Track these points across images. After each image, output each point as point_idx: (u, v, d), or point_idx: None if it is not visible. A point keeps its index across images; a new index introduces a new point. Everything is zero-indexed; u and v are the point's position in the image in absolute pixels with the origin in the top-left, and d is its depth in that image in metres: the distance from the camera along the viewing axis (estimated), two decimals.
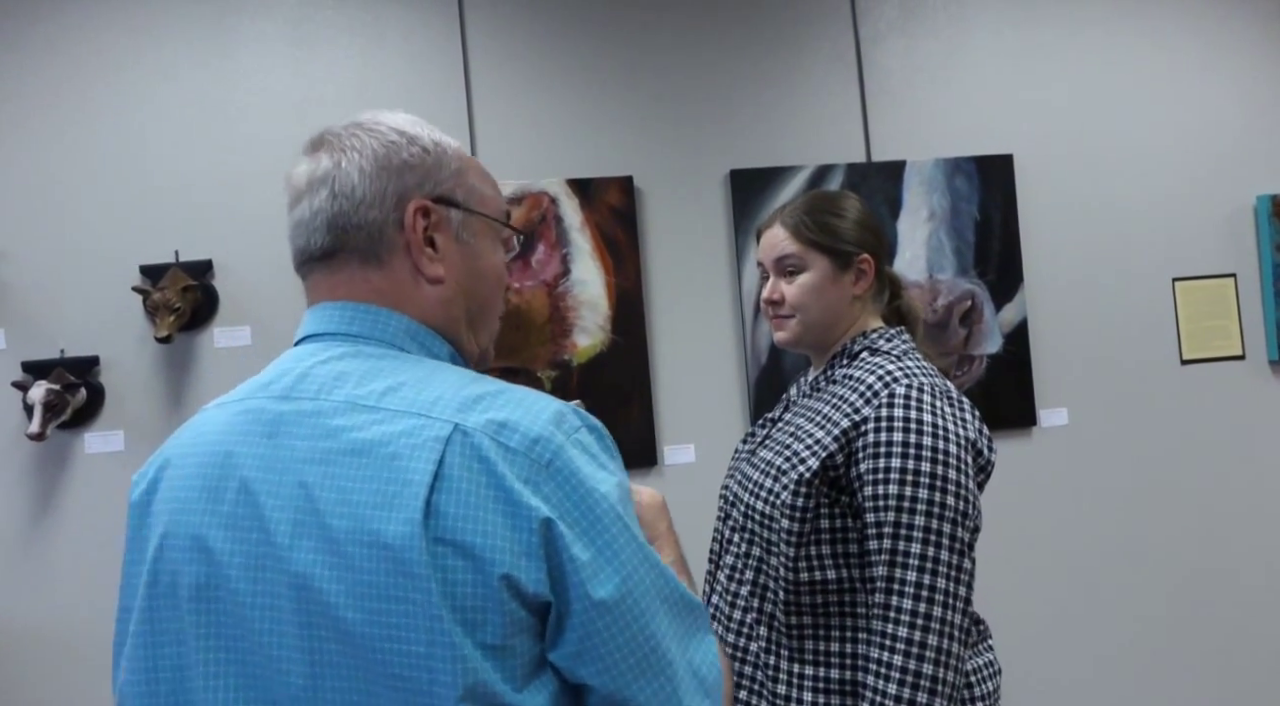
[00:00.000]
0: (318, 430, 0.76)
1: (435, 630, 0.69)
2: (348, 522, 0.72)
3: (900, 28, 2.78)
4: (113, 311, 2.39)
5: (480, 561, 0.70)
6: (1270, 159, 2.93)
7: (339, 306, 0.85)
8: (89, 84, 2.42)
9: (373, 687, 0.71)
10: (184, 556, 0.78)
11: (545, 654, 0.74)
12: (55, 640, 2.33)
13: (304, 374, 0.81)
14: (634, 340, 2.57)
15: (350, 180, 0.84)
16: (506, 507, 0.72)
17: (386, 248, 0.84)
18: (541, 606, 0.72)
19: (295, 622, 0.73)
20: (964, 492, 1.25)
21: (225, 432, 0.81)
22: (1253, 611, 2.85)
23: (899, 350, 1.40)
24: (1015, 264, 2.75)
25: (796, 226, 1.43)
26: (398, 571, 0.70)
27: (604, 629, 0.73)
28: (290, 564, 0.73)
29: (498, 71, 2.60)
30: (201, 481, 0.79)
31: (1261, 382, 2.89)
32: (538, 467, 0.74)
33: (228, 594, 0.75)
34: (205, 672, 0.76)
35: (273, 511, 0.75)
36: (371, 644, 0.70)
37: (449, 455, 0.73)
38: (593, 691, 0.74)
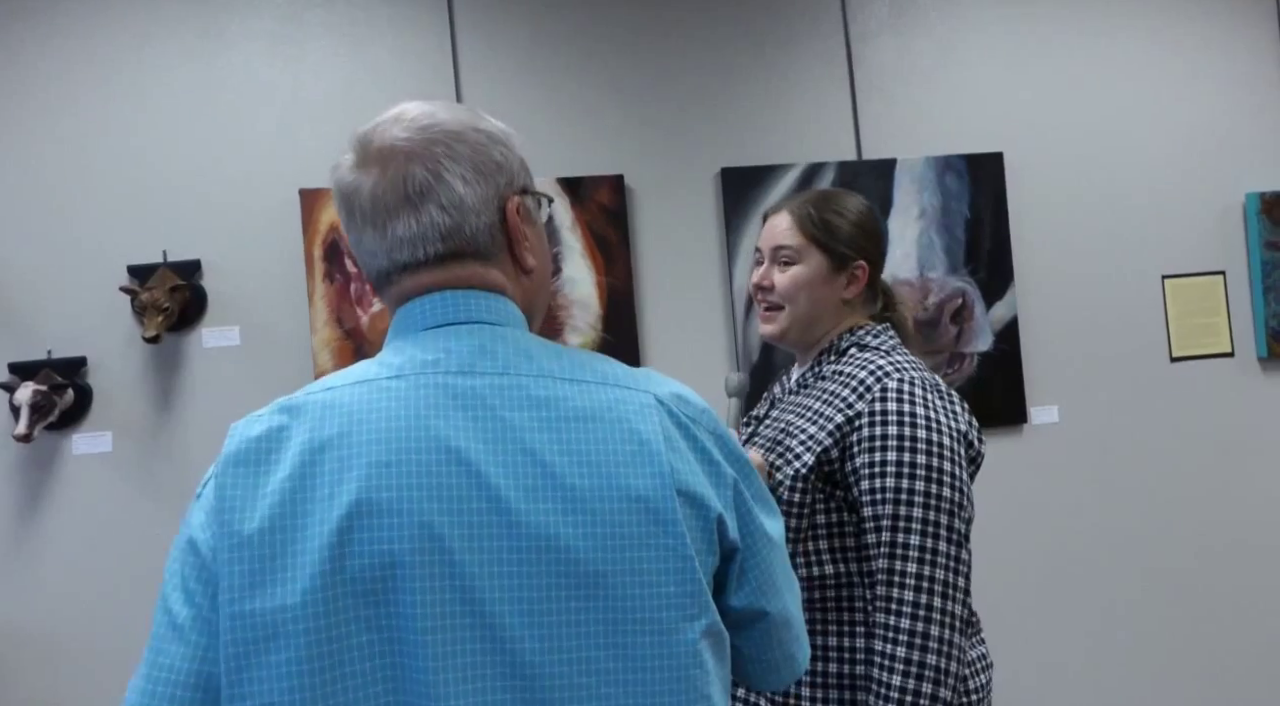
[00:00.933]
0: (524, 401, 0.80)
1: (686, 570, 0.78)
2: (592, 480, 0.78)
3: (891, 26, 2.78)
4: (100, 312, 2.38)
5: (704, 508, 0.81)
6: (1259, 157, 2.94)
7: (474, 295, 0.86)
8: (76, 83, 2.40)
9: (618, 637, 0.76)
10: (398, 534, 0.74)
11: (726, 600, 0.86)
12: (43, 641, 2.31)
13: (479, 350, 0.83)
14: (625, 339, 2.57)
15: (455, 191, 0.85)
16: (709, 467, 0.83)
17: (497, 246, 0.88)
18: (730, 551, 0.84)
19: (535, 585, 0.75)
20: (958, 484, 1.27)
21: (409, 406, 0.79)
22: (1243, 607, 2.86)
23: (887, 346, 1.42)
24: (1006, 262, 2.75)
25: (801, 218, 1.44)
26: (651, 520, 0.78)
27: (775, 560, 0.88)
28: (528, 526, 0.76)
29: (488, 70, 2.59)
30: (399, 456, 0.76)
31: (1250, 380, 2.90)
32: (710, 434, 0.86)
33: (450, 566, 0.74)
34: (436, 652, 0.73)
35: (499, 479, 0.77)
36: (625, 591, 0.77)
37: (662, 421, 0.82)
38: (767, 615, 0.88)
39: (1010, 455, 2.76)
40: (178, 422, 2.40)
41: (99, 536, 2.34)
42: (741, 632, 0.89)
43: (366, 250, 0.87)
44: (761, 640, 0.90)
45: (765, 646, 0.90)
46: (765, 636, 0.89)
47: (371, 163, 0.86)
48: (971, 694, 1.34)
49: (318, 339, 2.42)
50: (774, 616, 0.89)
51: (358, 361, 1.00)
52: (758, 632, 0.89)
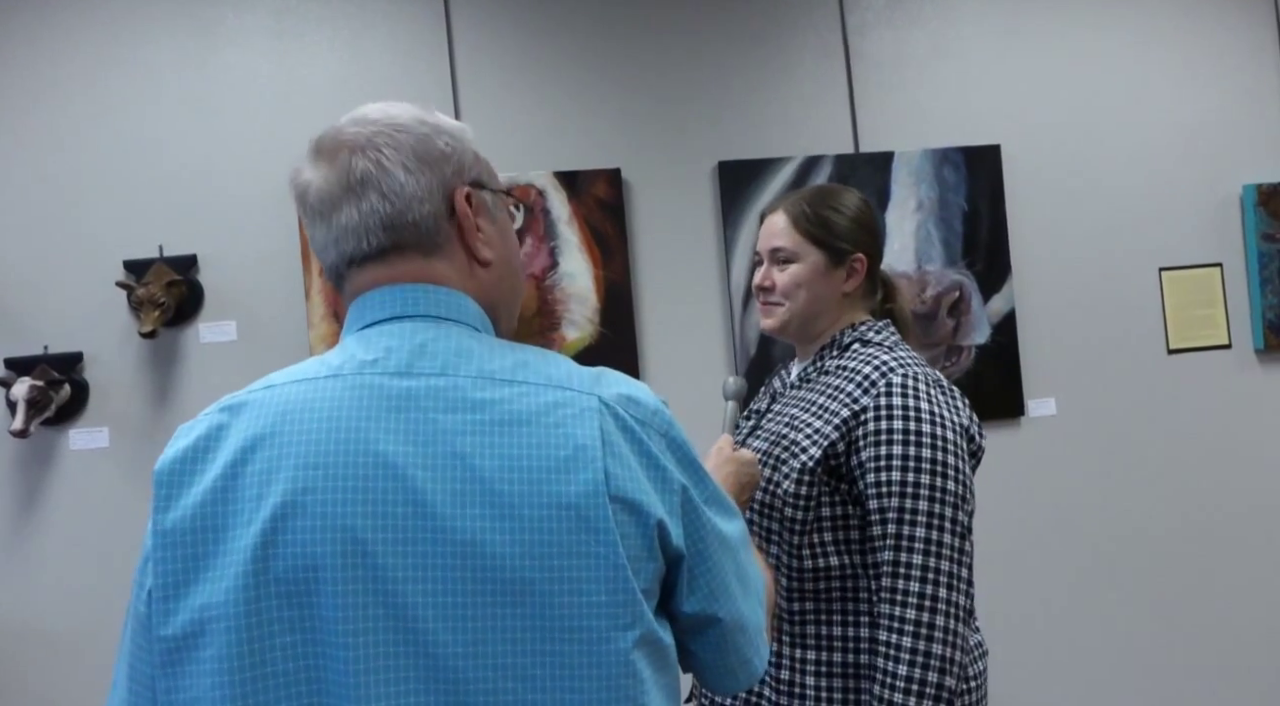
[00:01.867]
0: (460, 403, 0.79)
1: (617, 578, 0.76)
2: (521, 486, 0.76)
3: (888, 18, 2.78)
4: (97, 307, 2.37)
5: (642, 514, 0.79)
6: (1256, 149, 2.94)
7: (419, 289, 0.85)
8: (72, 78, 2.39)
9: (546, 645, 0.75)
10: (320, 536, 0.75)
11: (676, 606, 0.84)
12: (40, 636, 2.31)
13: (417, 351, 0.81)
14: (623, 333, 2.57)
15: (397, 179, 0.84)
16: (654, 472, 0.81)
17: (443, 238, 0.87)
18: (676, 558, 0.82)
19: (456, 591, 0.75)
20: (962, 478, 1.30)
21: (341, 407, 0.79)
22: (1239, 599, 2.87)
23: (889, 342, 1.44)
24: (1003, 254, 2.75)
25: (796, 216, 1.46)
26: (581, 528, 0.76)
27: (726, 563, 0.86)
28: (455, 532, 0.75)
29: (484, 64, 2.58)
30: (326, 458, 0.77)
31: (1247, 371, 2.91)
32: (661, 436, 0.83)
33: (372, 571, 0.74)
34: (354, 654, 0.73)
35: (426, 483, 0.76)
36: (551, 598, 0.75)
37: (604, 424, 0.80)
38: (719, 622, 0.86)
39: (1008, 447, 2.77)
40: (175, 418, 2.39)
41: (96, 531, 2.34)
42: (695, 638, 0.87)
43: (318, 245, 0.87)
44: (716, 645, 0.88)
45: (720, 651, 0.88)
46: (719, 642, 0.87)
47: (320, 159, 0.86)
48: (969, 681, 1.36)
49: (314, 333, 2.42)
50: (726, 622, 0.87)
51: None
52: (711, 638, 0.87)
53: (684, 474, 0.84)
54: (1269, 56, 2.96)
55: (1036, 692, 2.75)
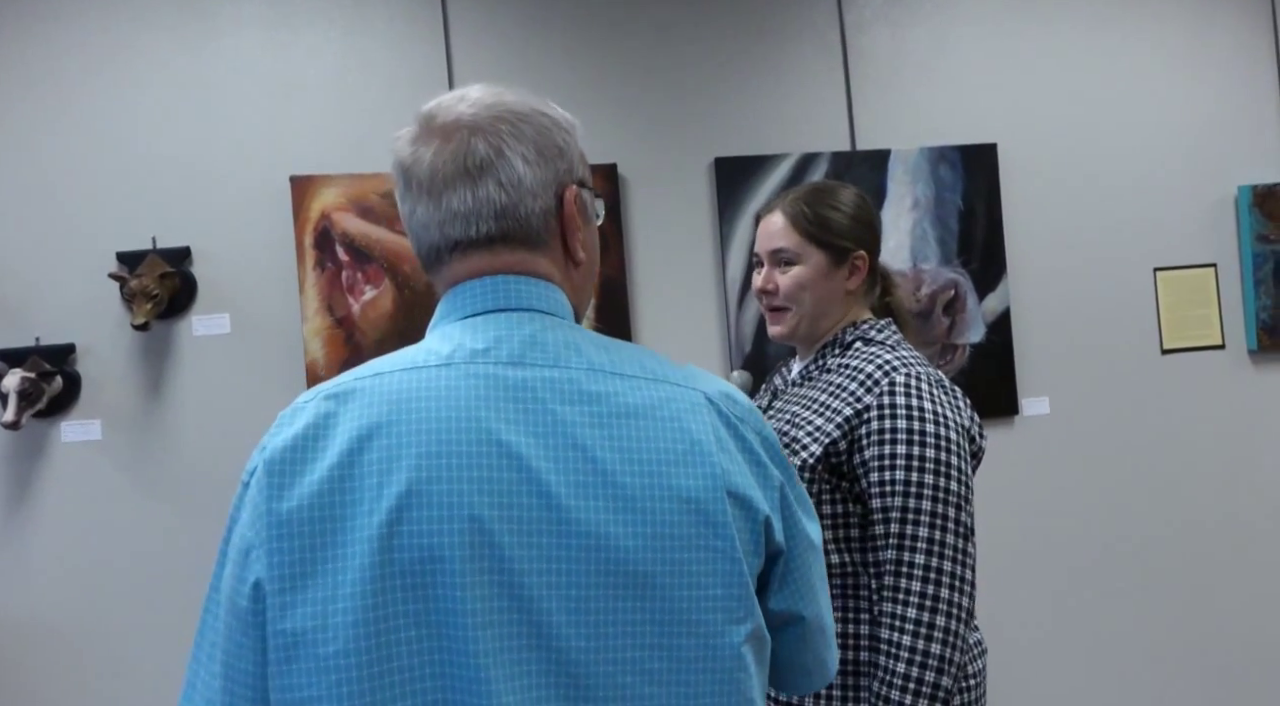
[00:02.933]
0: (576, 395, 0.79)
1: (734, 573, 0.77)
2: (641, 479, 0.76)
3: (885, 16, 2.77)
4: (89, 298, 2.36)
5: (752, 510, 0.80)
6: (1251, 150, 2.94)
7: (523, 281, 0.85)
8: (66, 68, 2.38)
9: (663, 638, 0.75)
10: (445, 526, 0.73)
11: (766, 603, 0.84)
12: (31, 630, 2.30)
13: (528, 341, 0.81)
14: (618, 329, 2.56)
15: (515, 170, 0.83)
16: (757, 469, 0.82)
17: (548, 233, 0.86)
18: (775, 554, 0.83)
19: (579, 583, 0.74)
20: (964, 478, 1.30)
21: (459, 395, 0.77)
22: (1233, 597, 2.88)
23: (891, 341, 1.44)
24: (998, 253, 2.75)
25: (796, 216, 1.45)
26: (700, 521, 0.77)
27: (814, 565, 0.87)
28: (578, 524, 0.74)
29: (480, 57, 2.58)
30: (447, 447, 0.75)
31: (1241, 372, 2.91)
32: (757, 435, 0.84)
33: (497, 561, 0.73)
34: (485, 647, 0.72)
35: (549, 474, 0.75)
36: (671, 592, 0.75)
37: (712, 420, 0.81)
38: (803, 620, 0.87)
39: (1002, 446, 2.77)
40: (167, 410, 2.38)
41: (88, 524, 2.33)
42: (777, 636, 0.88)
43: (419, 223, 0.85)
44: (796, 644, 0.88)
45: (799, 650, 0.89)
46: (800, 640, 0.88)
47: (434, 135, 0.84)
48: (968, 679, 1.37)
49: (308, 327, 2.41)
50: (810, 621, 0.87)
51: (349, 349, 0.99)
52: (793, 636, 0.88)
53: (781, 472, 0.84)
54: (1265, 58, 2.97)
55: (1032, 690, 2.75)
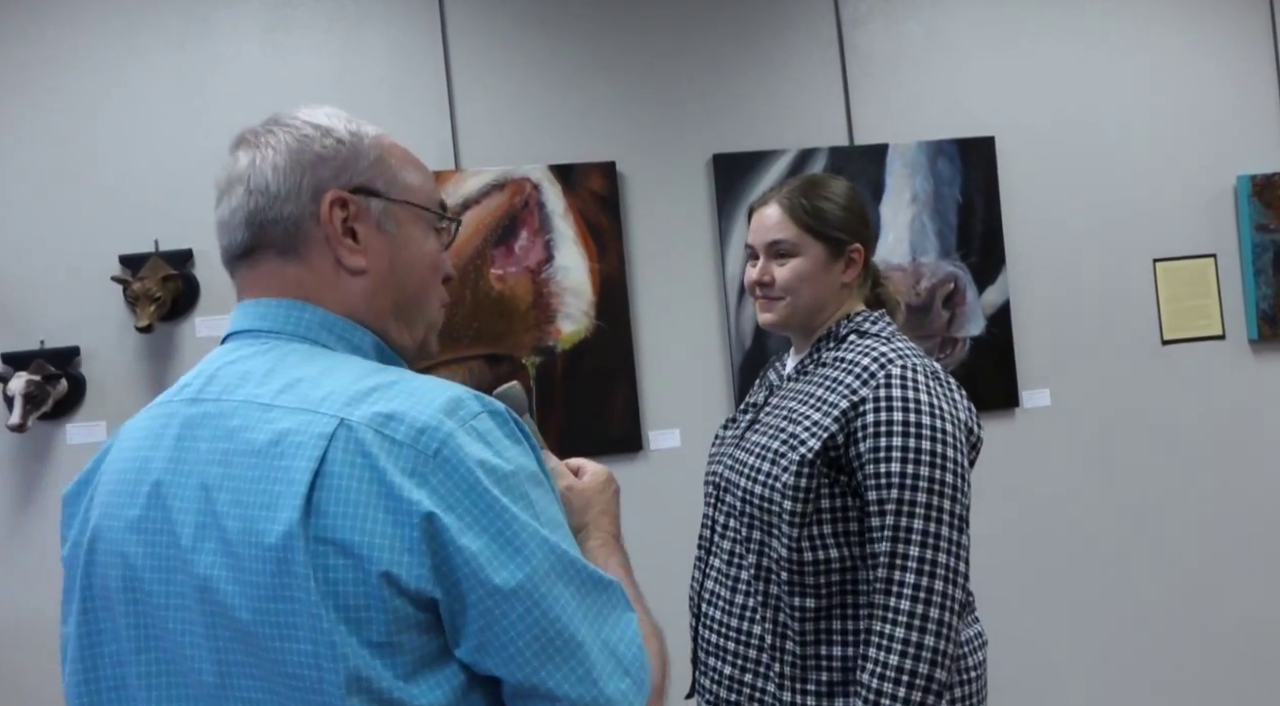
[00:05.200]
0: (219, 431, 0.77)
1: (318, 628, 0.70)
2: (240, 524, 0.73)
3: (882, 10, 2.77)
4: (93, 302, 2.38)
5: (360, 559, 0.70)
6: (1250, 140, 2.94)
7: (255, 303, 0.86)
8: (67, 72, 2.39)
9: (273, 685, 0.73)
10: (109, 559, 0.80)
11: (450, 650, 0.73)
12: (37, 632, 2.32)
13: (213, 375, 0.82)
14: (618, 326, 2.57)
15: (264, 176, 0.84)
16: (388, 503, 0.71)
17: (304, 241, 0.84)
18: (427, 602, 0.71)
19: (201, 623, 0.75)
20: (960, 470, 1.30)
21: (143, 437, 0.83)
22: (1234, 588, 2.88)
23: (886, 332, 1.43)
24: (997, 246, 2.75)
25: (793, 208, 1.44)
26: (281, 571, 0.71)
27: (504, 616, 0.71)
28: (194, 566, 0.75)
29: (479, 57, 2.58)
30: (120, 486, 0.82)
31: (1241, 362, 2.91)
32: (424, 458, 0.72)
33: (144, 596, 0.78)
34: (140, 672, 0.79)
35: (179, 514, 0.76)
36: (266, 643, 0.72)
37: (332, 451, 0.72)
38: (504, 683, 0.74)
39: (1002, 439, 2.77)
40: None
41: None
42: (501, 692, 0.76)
43: None
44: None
45: None
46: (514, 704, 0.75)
47: (230, 150, 0.90)
48: (968, 671, 1.36)
49: None
50: (519, 688, 0.73)
51: None
52: (508, 701, 0.75)
53: (445, 501, 0.71)
54: (1263, 47, 2.96)
55: (1033, 682, 2.76)
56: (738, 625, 1.41)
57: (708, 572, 1.49)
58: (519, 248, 2.54)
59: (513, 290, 2.53)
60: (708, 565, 1.50)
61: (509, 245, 2.53)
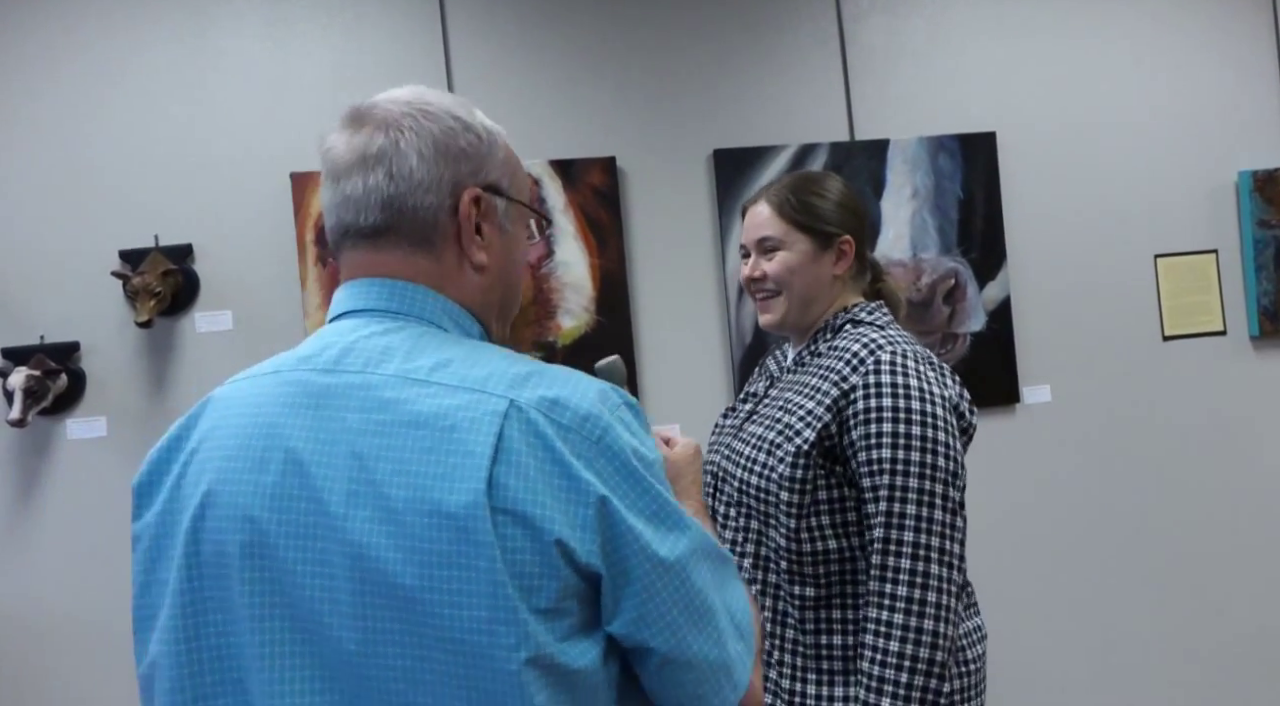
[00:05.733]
0: (369, 402, 0.78)
1: (498, 595, 0.73)
2: (407, 492, 0.75)
3: (883, 6, 2.77)
4: (93, 297, 2.38)
5: (538, 530, 0.74)
6: (1252, 135, 2.94)
7: (380, 283, 0.86)
8: (66, 67, 2.39)
9: (428, 653, 0.74)
10: (230, 525, 0.79)
11: (604, 626, 0.78)
12: (38, 627, 2.32)
13: (348, 348, 0.82)
14: (618, 321, 2.57)
15: (408, 163, 0.85)
16: (564, 482, 0.76)
17: (439, 233, 0.86)
18: (592, 576, 0.76)
19: (348, 589, 0.75)
20: (952, 454, 1.30)
21: (266, 404, 0.82)
22: (1235, 585, 2.88)
23: (881, 321, 1.44)
24: (998, 241, 2.75)
25: (780, 204, 1.46)
26: (460, 539, 0.73)
27: (663, 589, 0.78)
28: (345, 533, 0.75)
29: (478, 52, 2.58)
30: (243, 452, 0.80)
31: (1242, 358, 2.91)
32: (589, 444, 0.77)
33: (275, 562, 0.77)
34: (259, 640, 0.77)
35: (324, 481, 0.77)
36: (430, 609, 0.73)
37: (507, 430, 0.76)
38: (652, 652, 0.79)
39: (1003, 435, 2.77)
40: (172, 407, 2.40)
41: (94, 521, 2.35)
42: (637, 664, 0.81)
43: (324, 207, 0.89)
44: (658, 677, 0.80)
45: (663, 684, 0.81)
46: (659, 674, 0.80)
47: (347, 126, 0.89)
48: (968, 664, 1.37)
49: (310, 323, 2.42)
50: (664, 653, 0.79)
51: None
52: (651, 668, 0.80)
53: (610, 485, 0.77)
54: (1265, 42, 2.96)
55: (1033, 676, 2.76)
56: None
57: None
58: None
59: None
60: None
61: None
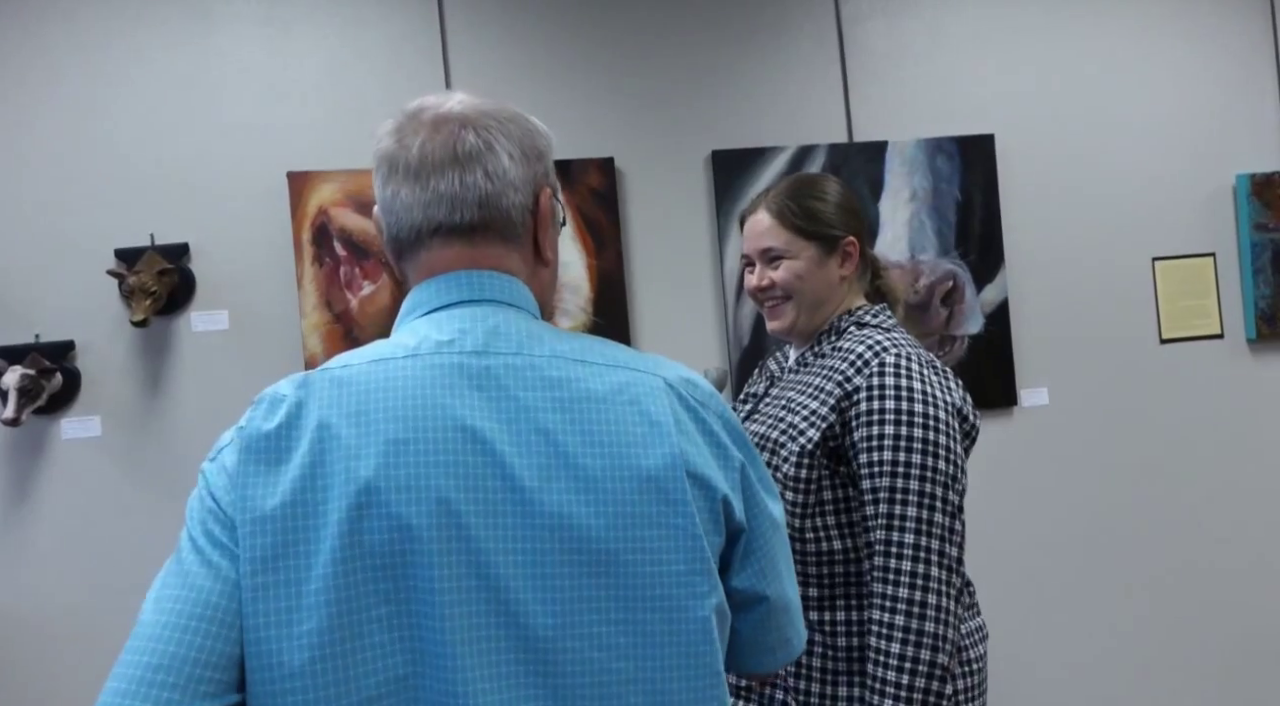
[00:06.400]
0: (538, 381, 0.82)
1: (695, 548, 0.81)
2: (603, 461, 0.80)
3: (882, 7, 2.77)
4: (88, 295, 2.37)
5: (710, 489, 0.83)
6: (1250, 138, 2.94)
7: (493, 275, 0.89)
8: (62, 65, 2.38)
9: (629, 614, 0.78)
10: (409, 508, 0.76)
11: (728, 581, 0.88)
12: (32, 626, 2.31)
13: (492, 331, 0.85)
14: (616, 322, 2.57)
15: (502, 163, 0.88)
16: (717, 450, 0.85)
17: (522, 229, 0.91)
18: (736, 532, 0.86)
19: (548, 562, 0.77)
20: (953, 457, 1.30)
21: (422, 386, 0.80)
22: (1233, 589, 2.88)
23: (886, 324, 1.45)
24: (996, 244, 2.75)
25: (781, 212, 1.45)
26: (660, 500, 0.80)
27: (777, 543, 0.90)
28: (542, 505, 0.78)
29: (476, 52, 2.57)
30: (410, 433, 0.78)
31: (1240, 361, 2.91)
32: (719, 418, 0.88)
33: (465, 541, 0.76)
34: (463, 624, 0.75)
35: (514, 458, 0.78)
36: (635, 569, 0.79)
37: (672, 403, 0.84)
38: (765, 600, 0.90)
39: (1000, 437, 2.77)
40: (167, 407, 2.39)
41: (88, 521, 2.34)
42: (740, 614, 0.90)
43: (402, 204, 0.88)
44: (759, 623, 0.91)
45: (762, 629, 0.92)
46: (763, 620, 0.91)
47: (423, 127, 0.88)
48: (970, 663, 1.37)
49: (307, 323, 2.42)
50: (773, 600, 0.90)
51: (347, 344, 1.03)
52: (756, 615, 0.90)
53: (742, 453, 0.88)
54: (1263, 46, 2.96)
55: (1032, 678, 2.76)
56: None
57: None
58: None
59: None
60: None
61: None
